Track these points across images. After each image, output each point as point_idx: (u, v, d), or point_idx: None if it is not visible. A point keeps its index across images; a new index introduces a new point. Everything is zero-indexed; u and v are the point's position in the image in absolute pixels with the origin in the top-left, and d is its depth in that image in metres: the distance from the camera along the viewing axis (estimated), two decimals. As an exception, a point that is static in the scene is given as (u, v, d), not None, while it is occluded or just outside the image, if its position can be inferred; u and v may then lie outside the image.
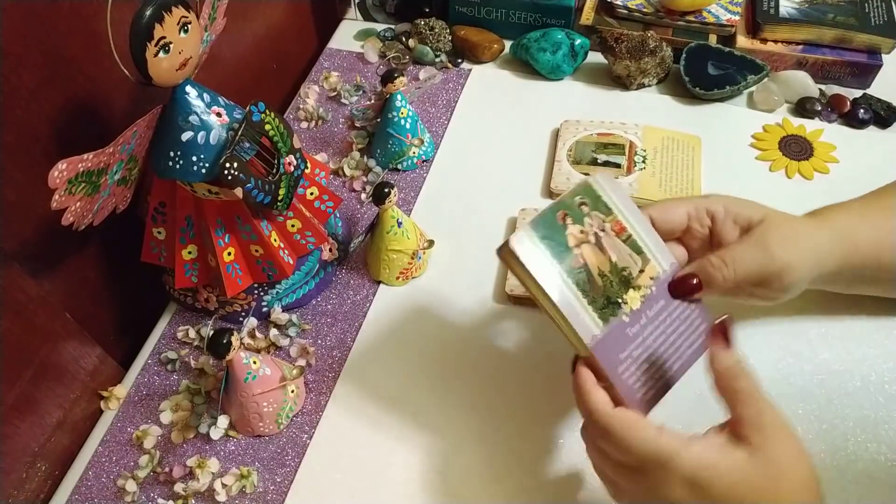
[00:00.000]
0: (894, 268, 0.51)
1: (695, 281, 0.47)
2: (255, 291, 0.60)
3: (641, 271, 0.48)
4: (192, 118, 0.48)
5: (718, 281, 0.46)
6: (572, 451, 0.53)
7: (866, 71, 0.77)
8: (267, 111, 0.51)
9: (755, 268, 0.46)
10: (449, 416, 0.56)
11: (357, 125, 0.76)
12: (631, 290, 0.47)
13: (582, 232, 0.47)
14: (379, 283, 0.64)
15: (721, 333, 0.42)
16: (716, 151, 0.72)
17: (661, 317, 0.47)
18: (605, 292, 0.46)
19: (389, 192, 0.58)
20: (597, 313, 0.45)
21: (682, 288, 0.47)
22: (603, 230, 0.47)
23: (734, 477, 0.38)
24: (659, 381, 0.47)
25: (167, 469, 0.54)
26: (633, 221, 0.48)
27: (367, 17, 0.89)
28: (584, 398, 0.43)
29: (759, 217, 0.48)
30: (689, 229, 0.50)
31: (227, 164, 0.48)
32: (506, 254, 0.45)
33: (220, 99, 0.50)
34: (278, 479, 0.53)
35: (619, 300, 0.47)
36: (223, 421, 0.55)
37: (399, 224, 0.61)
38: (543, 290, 0.44)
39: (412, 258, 0.62)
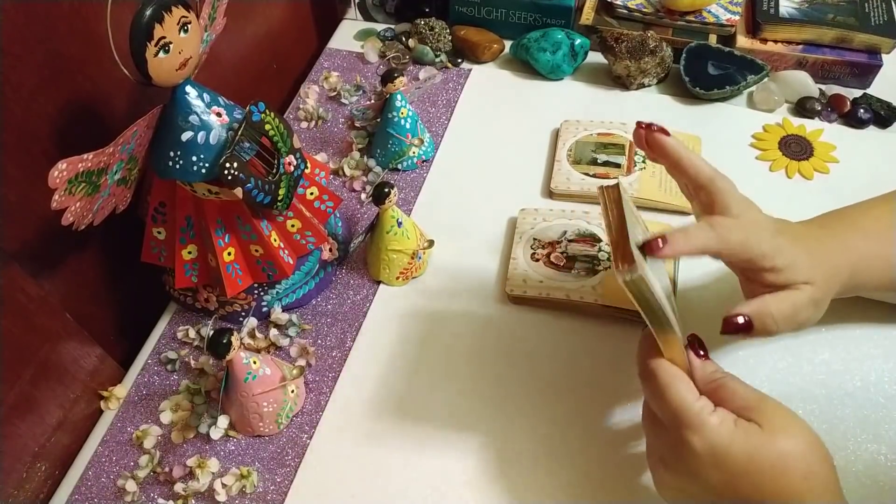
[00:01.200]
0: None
1: (742, 321, 0.45)
2: (255, 291, 0.60)
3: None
4: (192, 118, 0.48)
5: (768, 332, 0.46)
6: (573, 449, 0.53)
7: (866, 71, 0.77)
8: (267, 111, 0.51)
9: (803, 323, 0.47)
10: (449, 416, 0.56)
11: (357, 125, 0.76)
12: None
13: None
14: (379, 283, 0.64)
15: (701, 343, 0.44)
16: (716, 151, 0.71)
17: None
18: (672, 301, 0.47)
19: (389, 192, 0.58)
20: (676, 319, 0.45)
21: (735, 326, 0.45)
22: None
23: (749, 452, 0.39)
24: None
25: (167, 469, 0.54)
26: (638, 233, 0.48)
27: (367, 17, 0.89)
28: (640, 348, 0.44)
29: (805, 279, 0.46)
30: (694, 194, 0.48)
31: (227, 164, 0.48)
32: (633, 282, 0.41)
33: (220, 99, 0.50)
34: (278, 479, 0.53)
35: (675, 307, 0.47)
36: (223, 421, 0.55)
37: (399, 224, 0.61)
38: (662, 307, 0.42)
39: (412, 258, 0.62)
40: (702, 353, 0.44)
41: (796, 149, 0.72)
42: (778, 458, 0.39)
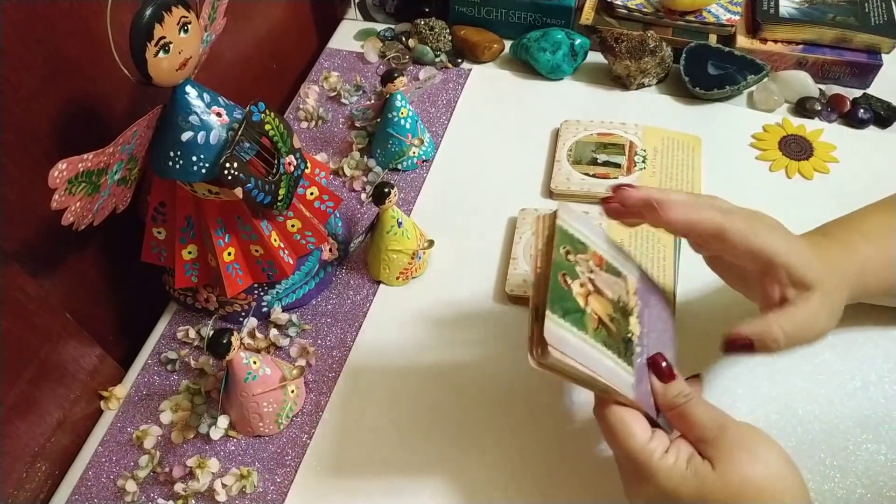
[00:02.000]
0: None
1: (744, 343, 0.44)
2: (255, 291, 0.60)
3: (628, 292, 0.46)
4: (192, 118, 0.48)
5: (771, 351, 0.44)
6: (574, 446, 0.53)
7: (866, 71, 0.77)
8: (267, 111, 0.51)
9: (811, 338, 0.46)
10: (449, 416, 0.56)
11: (357, 125, 0.76)
12: (630, 319, 0.45)
13: (582, 285, 0.43)
14: (379, 283, 0.64)
15: (658, 367, 0.43)
16: (716, 151, 0.72)
17: (650, 323, 0.46)
18: (621, 334, 0.43)
19: (389, 192, 0.58)
20: (625, 361, 0.42)
21: (737, 347, 0.44)
22: (591, 271, 0.44)
23: (698, 495, 0.39)
24: None
25: (167, 469, 0.54)
26: (601, 245, 0.46)
27: (367, 17, 0.89)
28: (621, 432, 0.42)
29: (813, 281, 0.44)
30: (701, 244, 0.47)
31: (227, 164, 0.48)
32: (550, 361, 0.39)
33: (220, 99, 0.50)
34: (278, 479, 0.53)
35: (630, 335, 0.44)
36: (223, 421, 0.55)
37: (399, 224, 0.61)
38: (592, 376, 0.40)
39: (412, 258, 0.62)
40: (665, 370, 0.43)
41: (796, 149, 0.72)
42: (730, 495, 0.39)
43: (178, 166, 0.49)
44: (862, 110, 0.74)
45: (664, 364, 0.43)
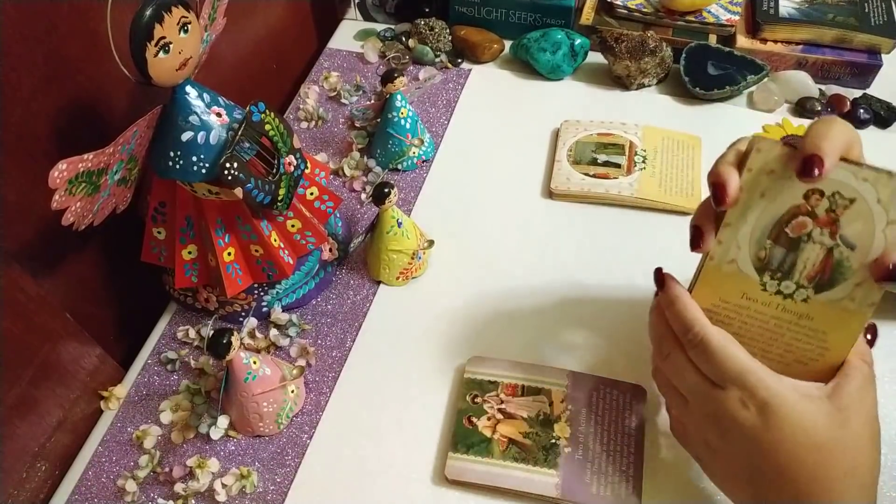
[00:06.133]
0: None
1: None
2: (255, 291, 0.60)
3: (551, 403, 0.53)
4: (192, 118, 0.48)
5: None
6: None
7: (866, 71, 0.77)
8: (267, 111, 0.51)
9: None
10: (450, 416, 0.56)
11: (357, 125, 0.76)
12: (556, 425, 0.52)
13: (489, 419, 0.53)
14: (379, 283, 0.64)
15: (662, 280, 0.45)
16: (716, 151, 0.70)
17: (587, 420, 0.53)
18: (540, 444, 0.51)
19: (389, 192, 0.58)
20: (544, 467, 0.50)
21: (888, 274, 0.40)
22: (502, 402, 0.54)
23: (805, 423, 0.39)
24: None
25: (167, 469, 0.54)
26: (517, 374, 0.54)
27: (367, 17, 0.89)
28: (682, 311, 0.43)
29: None
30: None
31: (227, 164, 0.48)
32: (453, 483, 0.51)
33: (220, 99, 0.50)
34: (278, 479, 0.53)
35: (553, 440, 0.52)
36: (223, 421, 0.55)
37: (399, 224, 0.61)
38: (496, 486, 0.50)
39: (412, 258, 0.62)
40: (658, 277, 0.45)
41: (796, 149, 0.72)
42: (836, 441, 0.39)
43: (178, 166, 0.49)
44: (862, 110, 0.74)
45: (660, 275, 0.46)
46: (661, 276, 0.45)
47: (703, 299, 0.43)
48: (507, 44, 0.84)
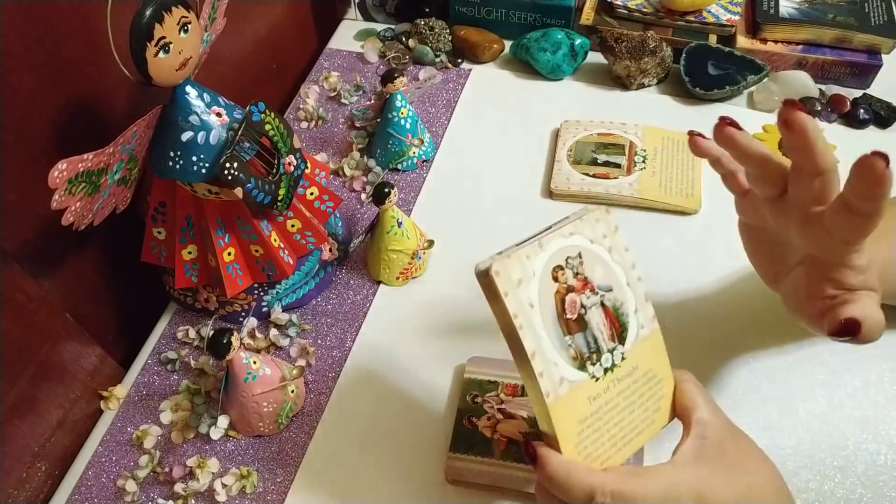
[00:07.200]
0: None
1: (848, 323, 0.41)
2: (255, 291, 0.60)
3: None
4: (192, 118, 0.48)
5: (871, 338, 0.43)
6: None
7: (866, 71, 0.77)
8: (267, 111, 0.51)
9: None
10: (449, 416, 0.56)
11: (357, 125, 0.76)
12: None
13: (489, 419, 0.53)
14: (379, 283, 0.64)
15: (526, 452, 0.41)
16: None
17: None
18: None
19: (389, 192, 0.58)
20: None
21: (838, 328, 0.41)
22: (502, 402, 0.54)
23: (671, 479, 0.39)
24: None
25: (167, 469, 0.54)
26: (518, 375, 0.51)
27: (367, 17, 0.89)
28: (569, 480, 0.39)
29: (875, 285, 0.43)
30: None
31: (227, 164, 0.48)
32: (453, 483, 0.51)
33: (220, 99, 0.50)
34: (278, 479, 0.53)
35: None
36: (223, 421, 0.55)
37: (399, 224, 0.61)
38: (496, 485, 0.50)
39: (412, 258, 0.62)
40: (531, 455, 0.40)
41: (796, 149, 0.72)
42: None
43: (178, 166, 0.49)
44: (862, 111, 0.74)
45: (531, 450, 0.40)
46: (531, 451, 0.40)
47: (569, 440, 0.41)
48: (507, 44, 0.84)
